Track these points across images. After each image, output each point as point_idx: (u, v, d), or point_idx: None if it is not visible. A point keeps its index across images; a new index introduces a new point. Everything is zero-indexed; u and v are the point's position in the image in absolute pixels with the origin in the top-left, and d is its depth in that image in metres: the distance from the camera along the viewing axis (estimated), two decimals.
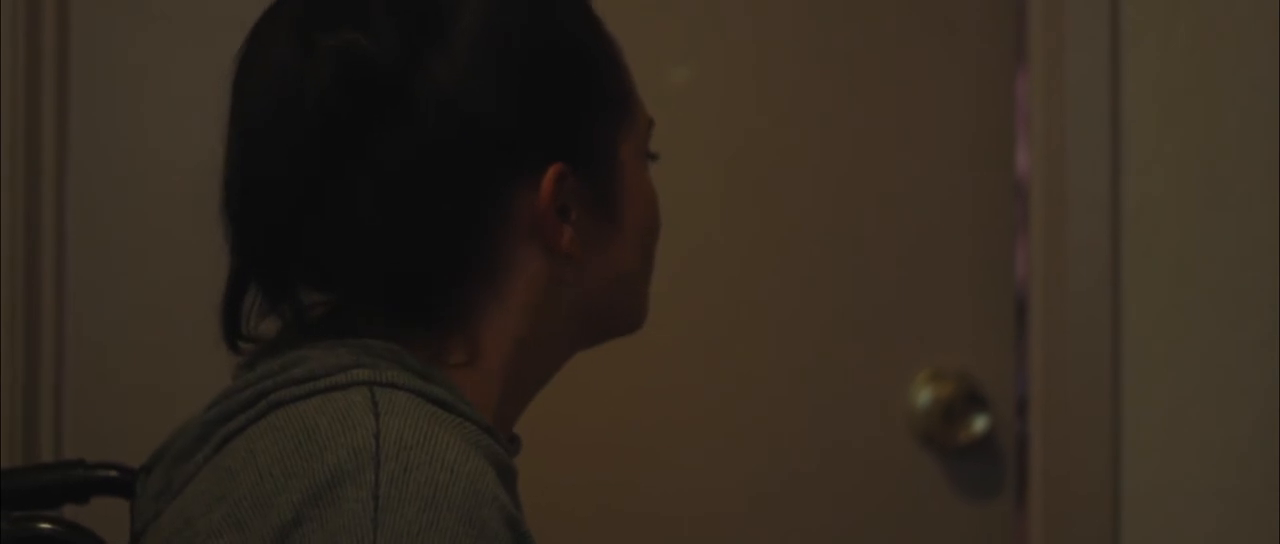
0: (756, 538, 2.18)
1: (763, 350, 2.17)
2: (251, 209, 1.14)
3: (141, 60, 2.08)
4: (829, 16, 2.18)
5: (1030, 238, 2.13)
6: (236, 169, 1.14)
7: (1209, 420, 2.06)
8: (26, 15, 2.02)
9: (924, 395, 2.18)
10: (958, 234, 2.20)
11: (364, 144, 1.11)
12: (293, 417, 1.08)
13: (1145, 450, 2.08)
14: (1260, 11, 2.04)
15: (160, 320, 2.07)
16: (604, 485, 2.13)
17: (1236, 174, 2.05)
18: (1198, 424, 2.07)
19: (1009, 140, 2.19)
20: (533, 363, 1.18)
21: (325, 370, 1.10)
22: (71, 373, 2.05)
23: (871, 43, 2.19)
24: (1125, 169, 2.08)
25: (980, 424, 2.17)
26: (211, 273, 2.06)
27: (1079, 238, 2.09)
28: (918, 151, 2.20)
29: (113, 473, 1.35)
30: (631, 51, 1.24)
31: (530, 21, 1.16)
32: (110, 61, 2.07)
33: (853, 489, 2.19)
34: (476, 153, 1.12)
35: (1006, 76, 2.19)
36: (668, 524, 2.16)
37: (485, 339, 1.16)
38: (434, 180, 1.11)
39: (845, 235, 2.19)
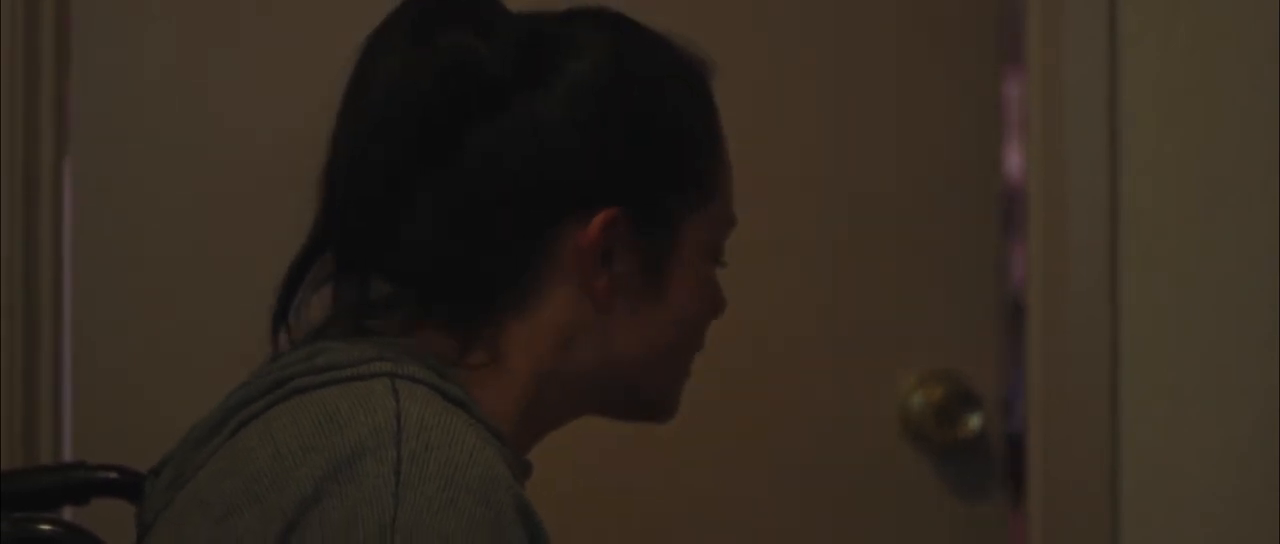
0: (750, 538, 2.19)
1: (754, 351, 2.17)
2: (349, 186, 1.17)
3: (144, 54, 2.08)
4: (817, 18, 2.18)
5: (1029, 240, 2.14)
6: (344, 146, 1.18)
7: (1209, 422, 2.06)
8: (25, 7, 2.02)
9: (916, 396, 2.18)
10: (946, 234, 2.21)
11: (452, 144, 1.15)
12: (313, 400, 1.11)
13: (1145, 452, 2.08)
14: (1260, 11, 2.04)
15: (160, 322, 2.08)
16: (594, 486, 2.13)
17: (1236, 175, 2.06)
18: (1197, 426, 2.07)
19: (995, 141, 2.20)
20: (550, 399, 1.20)
21: (348, 361, 1.13)
22: (71, 374, 2.05)
23: (859, 44, 2.19)
24: (1124, 171, 2.08)
25: (973, 423, 2.17)
26: (213, 272, 2.07)
27: (1078, 240, 2.09)
28: (905, 153, 2.20)
29: (113, 475, 1.36)
30: None
31: (637, 81, 1.20)
32: (111, 54, 2.07)
33: (846, 489, 2.20)
34: (545, 179, 1.16)
35: (994, 76, 2.20)
36: (659, 524, 2.16)
37: (508, 355, 1.18)
38: (500, 193, 1.16)
39: (834, 237, 2.19)
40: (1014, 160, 2.20)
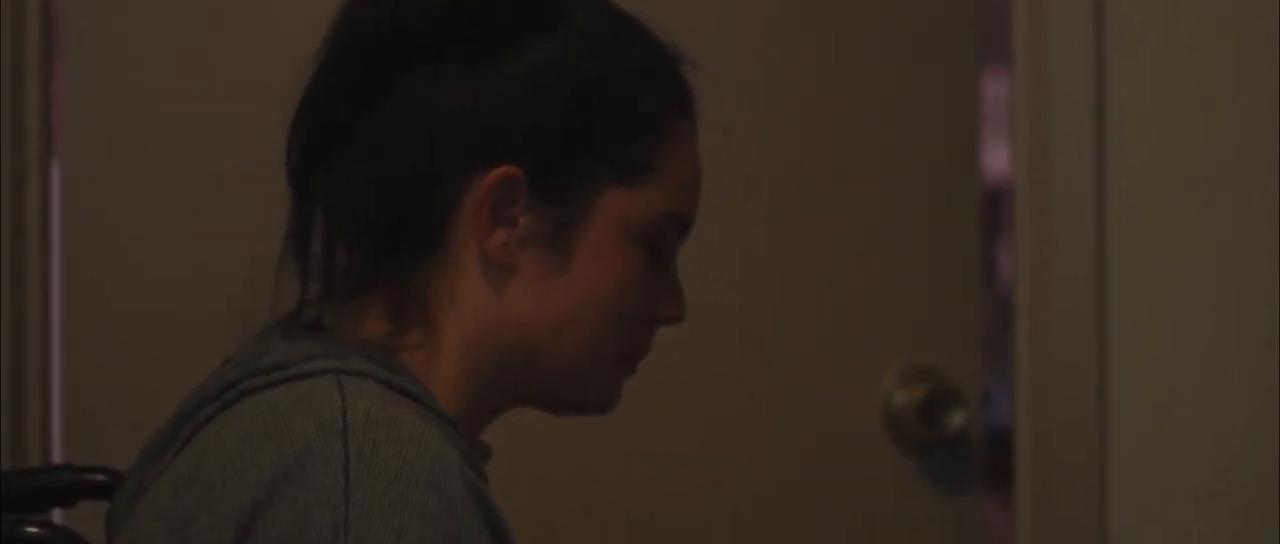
0: (731, 534, 2.19)
1: (736, 348, 2.18)
2: (293, 130, 1.21)
3: (132, 53, 2.08)
4: (799, 16, 2.19)
5: (1017, 237, 2.14)
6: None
7: (1197, 419, 2.07)
8: (11, 7, 2.02)
9: (898, 393, 2.19)
10: (928, 231, 2.22)
11: (383, 88, 1.18)
12: (260, 403, 1.10)
13: (1133, 448, 2.08)
14: (1255, 6, 2.04)
15: (149, 323, 2.07)
16: (572, 481, 2.14)
17: (1221, 170, 2.06)
18: (1185, 422, 2.07)
19: (975, 138, 2.22)
20: (486, 373, 1.19)
21: (293, 360, 1.13)
22: (59, 377, 2.05)
23: (839, 41, 2.20)
24: (1111, 168, 2.08)
25: (955, 420, 2.19)
26: (202, 273, 2.07)
27: (1066, 237, 2.09)
28: (885, 151, 2.22)
29: (100, 477, 1.36)
30: None
31: (577, 53, 1.19)
32: (99, 53, 2.07)
33: (828, 486, 2.21)
34: (452, 134, 1.17)
35: (973, 73, 2.21)
36: (641, 519, 2.17)
37: (440, 330, 1.18)
38: (413, 143, 1.17)
39: (815, 234, 2.21)
40: (1002, 158, 2.21)
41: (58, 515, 1.53)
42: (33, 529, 1.31)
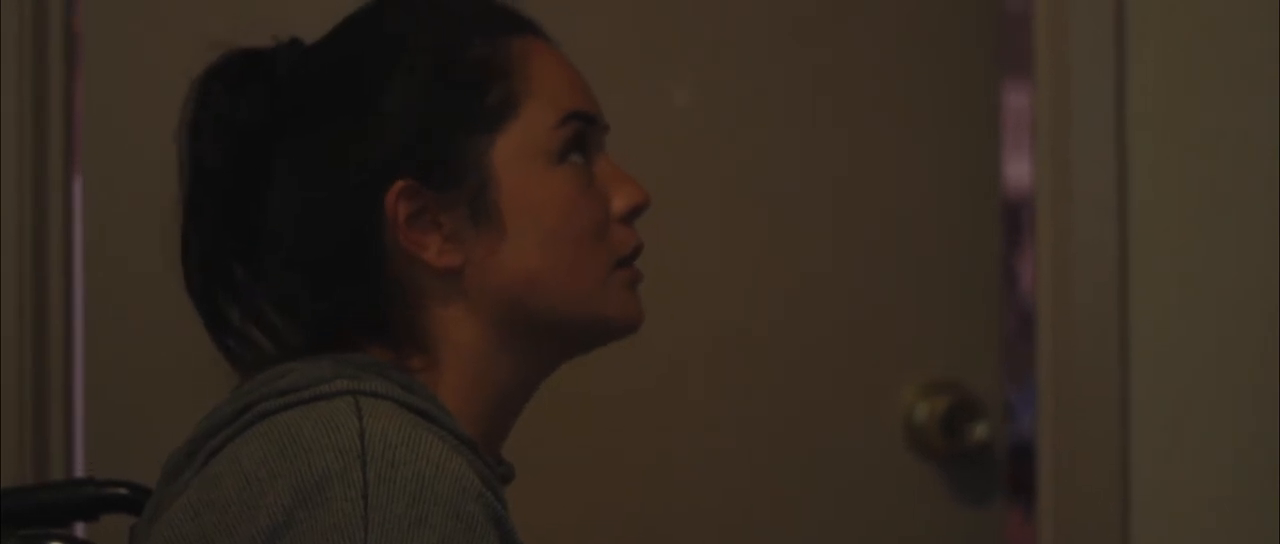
0: None
1: (757, 360, 2.18)
2: (184, 237, 1.25)
3: (153, 68, 2.08)
4: (818, 26, 2.19)
5: (1038, 248, 2.14)
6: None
7: (1219, 429, 2.06)
8: (33, 21, 2.02)
9: (920, 406, 2.19)
10: (949, 244, 2.22)
11: (270, 160, 1.19)
12: (277, 425, 1.10)
13: (1155, 459, 2.08)
14: (1265, 14, 2.04)
15: (174, 334, 2.07)
16: (594, 495, 2.13)
17: (1245, 182, 2.06)
18: (1208, 433, 2.07)
19: (996, 150, 2.21)
20: (498, 373, 1.19)
21: (309, 381, 1.12)
22: (81, 391, 2.05)
23: (859, 53, 2.20)
24: (1132, 178, 2.08)
25: (978, 433, 2.18)
26: None
27: (1086, 247, 2.09)
28: (906, 163, 2.22)
29: (122, 490, 1.36)
30: (625, 69, 1.25)
31: (422, 63, 1.19)
32: (120, 69, 2.08)
33: (851, 500, 2.21)
34: (345, 177, 1.18)
35: (994, 85, 2.21)
36: (663, 536, 2.17)
37: (437, 347, 1.18)
38: (317, 201, 1.18)
39: (836, 248, 2.21)
40: (1023, 169, 2.21)
41: (81, 529, 1.53)
42: (55, 543, 1.31)
